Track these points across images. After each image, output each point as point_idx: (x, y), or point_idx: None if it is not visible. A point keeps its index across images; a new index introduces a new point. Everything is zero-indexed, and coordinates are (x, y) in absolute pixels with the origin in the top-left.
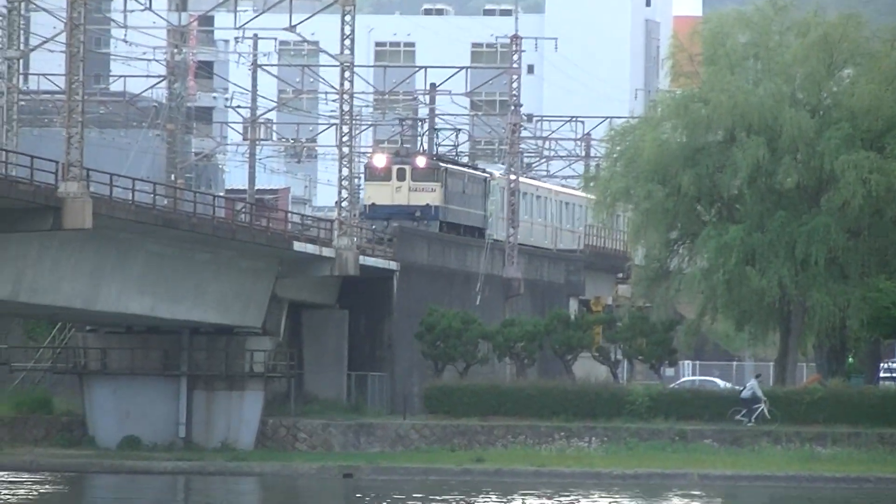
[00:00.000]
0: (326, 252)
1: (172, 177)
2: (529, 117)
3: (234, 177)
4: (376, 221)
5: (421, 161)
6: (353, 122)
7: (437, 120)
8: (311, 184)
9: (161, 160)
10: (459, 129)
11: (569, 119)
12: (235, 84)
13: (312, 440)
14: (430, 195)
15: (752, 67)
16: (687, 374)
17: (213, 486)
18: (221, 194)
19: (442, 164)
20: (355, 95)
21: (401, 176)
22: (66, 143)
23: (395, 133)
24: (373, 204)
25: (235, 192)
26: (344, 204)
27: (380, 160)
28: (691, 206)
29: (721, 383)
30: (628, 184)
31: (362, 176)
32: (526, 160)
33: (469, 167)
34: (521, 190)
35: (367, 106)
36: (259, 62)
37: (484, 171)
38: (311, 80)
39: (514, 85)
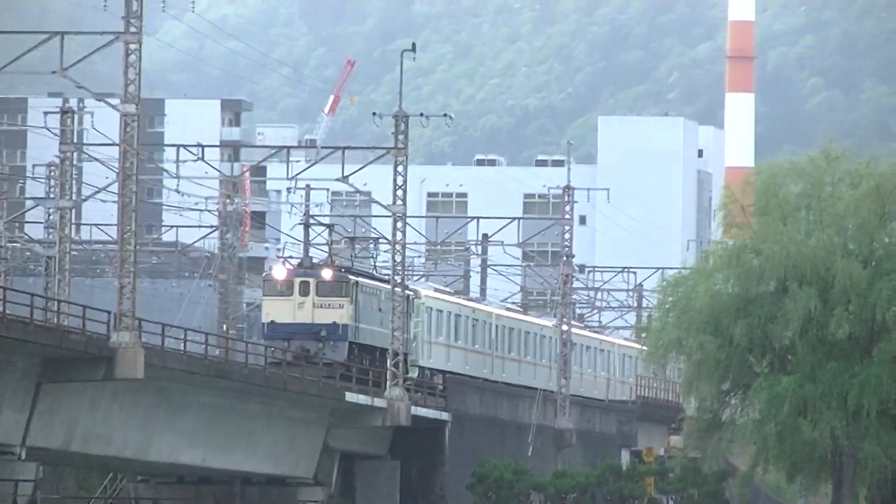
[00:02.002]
0: (378, 402)
1: (224, 327)
2: (581, 268)
3: None
4: (275, 341)
5: (327, 273)
6: (406, 272)
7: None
8: None
9: (213, 310)
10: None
11: (621, 270)
12: (287, 234)
13: None
14: (337, 312)
15: (804, 218)
16: None
17: None
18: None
19: (352, 276)
20: (408, 246)
21: (304, 290)
22: (118, 293)
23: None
24: (272, 322)
25: None
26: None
27: (279, 272)
28: (743, 357)
29: None
30: (680, 335)
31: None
32: (578, 311)
33: (388, 282)
34: (573, 341)
35: (420, 256)
36: (311, 212)
37: (406, 287)
38: (364, 229)
39: (567, 236)
